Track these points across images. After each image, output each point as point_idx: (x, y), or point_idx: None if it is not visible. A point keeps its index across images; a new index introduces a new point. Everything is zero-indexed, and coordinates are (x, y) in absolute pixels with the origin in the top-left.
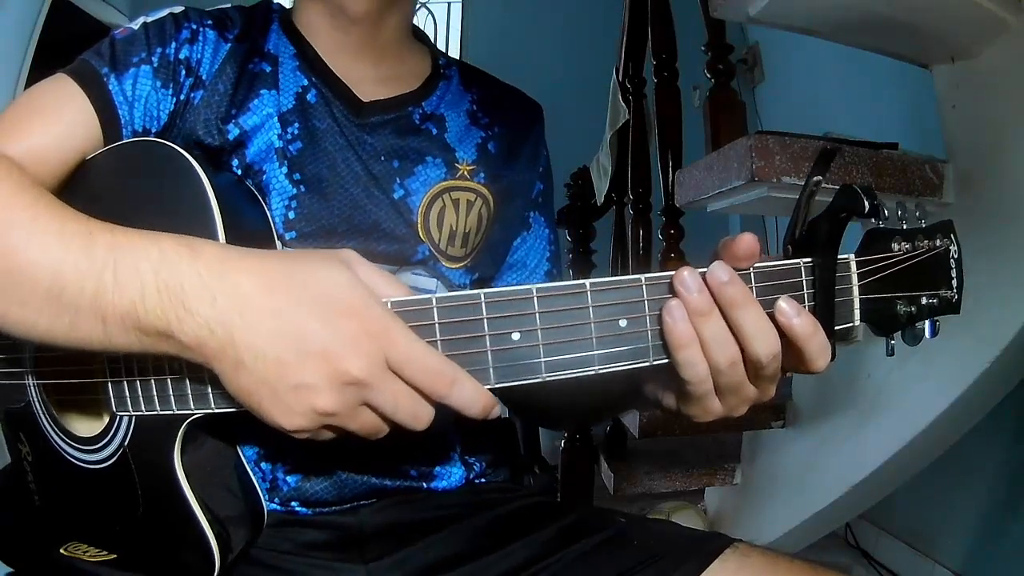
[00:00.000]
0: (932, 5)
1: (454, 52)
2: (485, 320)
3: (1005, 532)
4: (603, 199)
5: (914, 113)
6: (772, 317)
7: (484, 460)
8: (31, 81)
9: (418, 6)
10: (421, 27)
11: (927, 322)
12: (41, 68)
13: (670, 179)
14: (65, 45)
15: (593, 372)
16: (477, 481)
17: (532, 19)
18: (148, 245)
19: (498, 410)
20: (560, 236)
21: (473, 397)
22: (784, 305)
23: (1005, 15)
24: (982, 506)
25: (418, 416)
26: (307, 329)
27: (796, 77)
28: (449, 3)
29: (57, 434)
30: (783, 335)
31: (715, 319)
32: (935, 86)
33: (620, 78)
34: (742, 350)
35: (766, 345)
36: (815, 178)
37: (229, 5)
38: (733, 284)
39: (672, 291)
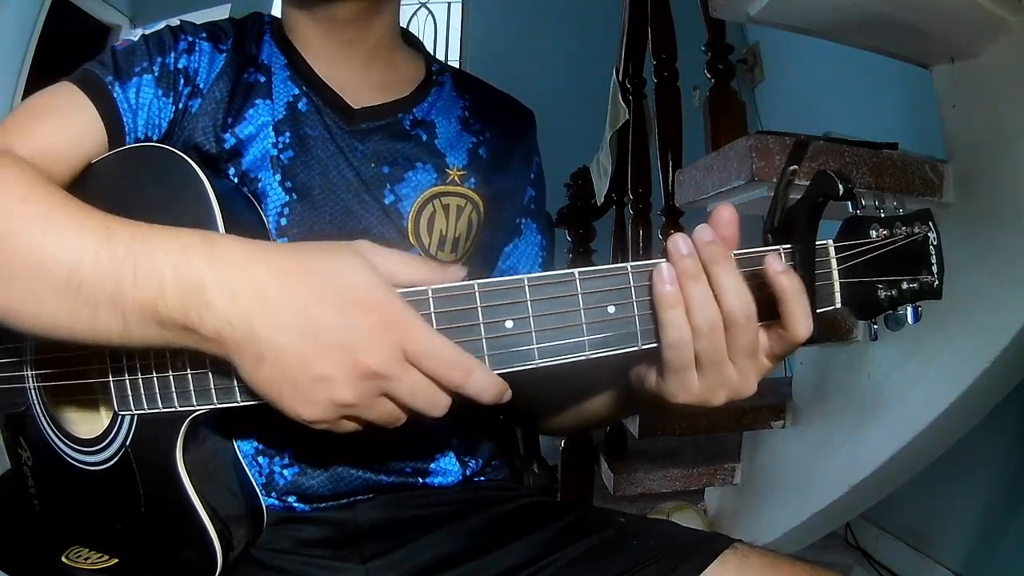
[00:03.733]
0: (932, 5)
1: (454, 53)
2: (479, 309)
3: (1005, 532)
4: (603, 199)
5: (914, 113)
6: (758, 276)
7: (481, 458)
8: (31, 80)
9: (418, 6)
10: (421, 27)
11: (909, 307)
12: (41, 68)
13: (670, 179)
14: (65, 45)
15: (584, 357)
16: (476, 480)
17: (532, 19)
18: (167, 240)
19: (509, 394)
20: (560, 236)
21: (487, 385)
22: (772, 260)
23: (1005, 15)
24: (982, 506)
25: (436, 404)
26: (326, 323)
27: (796, 77)
28: (449, 3)
29: (58, 437)
30: (770, 292)
31: (701, 283)
32: (935, 86)
33: (620, 78)
34: (721, 312)
35: (741, 302)
36: (791, 167)
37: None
38: (715, 243)
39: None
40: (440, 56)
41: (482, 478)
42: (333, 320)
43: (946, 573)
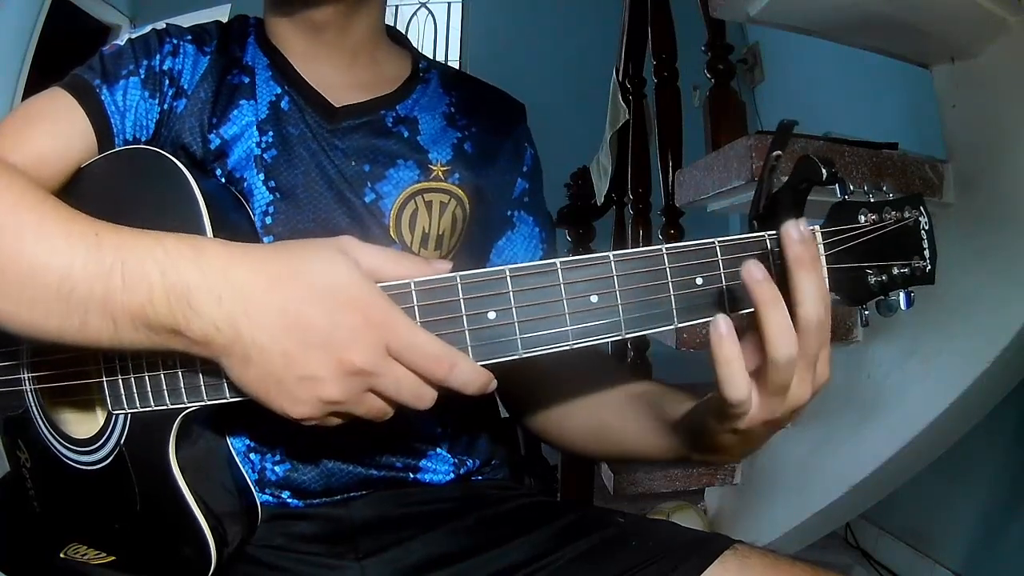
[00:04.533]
0: (932, 5)
1: (454, 53)
2: (461, 301)
3: (1005, 532)
4: (603, 199)
5: (914, 113)
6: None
7: (478, 457)
8: (31, 80)
9: (418, 6)
10: (421, 27)
11: (901, 293)
12: (41, 68)
13: (670, 179)
14: (65, 45)
15: (568, 347)
16: (473, 478)
17: (532, 19)
18: (153, 245)
19: (493, 384)
20: (560, 236)
21: (471, 377)
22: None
23: (1005, 15)
24: (982, 506)
25: (421, 397)
26: (310, 323)
27: (796, 77)
28: (449, 3)
29: (55, 438)
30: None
31: (780, 310)
32: (935, 86)
33: (620, 78)
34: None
35: (821, 308)
36: (775, 152)
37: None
38: (806, 243)
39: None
40: (440, 56)
41: (480, 477)
42: (317, 320)
43: (946, 573)
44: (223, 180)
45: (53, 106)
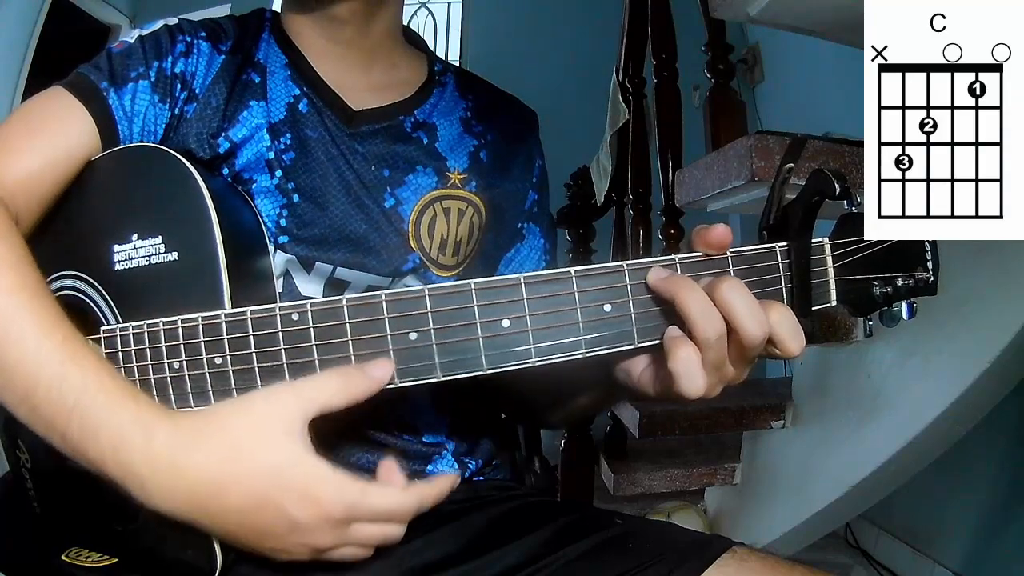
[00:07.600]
0: None
1: (454, 53)
2: (475, 308)
3: (1005, 532)
4: (603, 199)
5: None
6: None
7: (481, 458)
8: (31, 81)
9: (418, 6)
10: (421, 27)
11: (904, 303)
12: (41, 68)
13: (670, 179)
14: (65, 45)
15: (581, 356)
16: (475, 479)
17: (532, 19)
18: (110, 417)
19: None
20: (560, 236)
21: (428, 504)
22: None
23: None
24: (982, 506)
25: (390, 537)
26: (268, 527)
27: (796, 77)
28: (449, 3)
29: None
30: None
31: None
32: None
33: (620, 78)
34: (731, 330)
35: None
36: (787, 165)
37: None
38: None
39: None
40: (439, 56)
41: (482, 478)
42: (275, 523)
43: (946, 573)
44: (230, 180)
45: (56, 108)
